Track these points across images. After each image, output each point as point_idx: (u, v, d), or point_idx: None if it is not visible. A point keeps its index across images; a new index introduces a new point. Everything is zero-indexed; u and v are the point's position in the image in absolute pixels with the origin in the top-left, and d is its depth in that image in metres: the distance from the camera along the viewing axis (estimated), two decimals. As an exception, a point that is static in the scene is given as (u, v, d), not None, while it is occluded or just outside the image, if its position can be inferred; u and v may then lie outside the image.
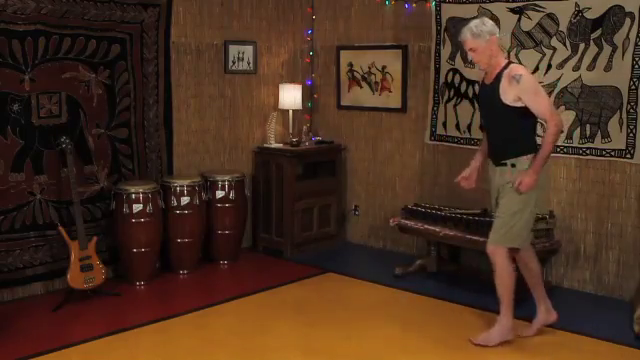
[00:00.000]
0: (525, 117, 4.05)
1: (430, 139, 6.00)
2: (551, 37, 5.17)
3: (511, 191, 4.09)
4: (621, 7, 4.83)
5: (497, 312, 4.75)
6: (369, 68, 6.36)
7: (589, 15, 4.97)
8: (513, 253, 4.27)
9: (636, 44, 4.80)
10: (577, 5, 5.02)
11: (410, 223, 5.56)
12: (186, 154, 5.89)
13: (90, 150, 5.23)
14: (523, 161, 4.07)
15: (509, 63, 4.12)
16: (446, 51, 5.80)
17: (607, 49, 4.91)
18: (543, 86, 5.21)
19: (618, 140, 4.94)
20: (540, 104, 4.01)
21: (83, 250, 4.88)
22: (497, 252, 4.17)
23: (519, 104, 4.01)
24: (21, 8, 4.69)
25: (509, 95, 4.01)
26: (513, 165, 4.09)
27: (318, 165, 6.44)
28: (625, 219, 5.00)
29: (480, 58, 4.12)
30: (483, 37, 4.05)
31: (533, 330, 4.38)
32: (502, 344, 4.21)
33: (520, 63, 5.30)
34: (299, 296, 5.14)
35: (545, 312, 4.41)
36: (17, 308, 4.76)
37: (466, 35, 4.10)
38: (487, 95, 4.19)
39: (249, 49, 6.23)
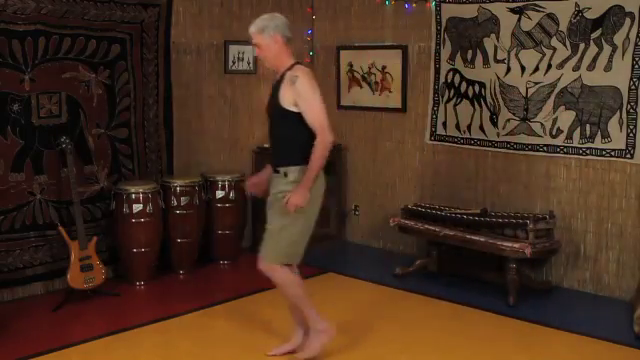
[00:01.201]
0: (304, 124, 3.71)
1: (430, 139, 6.00)
2: (551, 37, 5.17)
3: (278, 201, 3.78)
4: (621, 7, 4.83)
5: (498, 312, 4.76)
6: (369, 68, 6.36)
7: (589, 15, 4.97)
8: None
9: (636, 44, 4.80)
10: (577, 5, 5.02)
11: (410, 223, 5.56)
12: (186, 154, 5.89)
13: (90, 150, 5.23)
14: (294, 171, 3.75)
15: (295, 64, 3.80)
16: (446, 51, 5.80)
17: (607, 49, 4.91)
18: (543, 86, 5.23)
19: (618, 140, 4.94)
20: (313, 112, 3.68)
21: (83, 250, 4.88)
22: (270, 268, 3.86)
23: (296, 109, 3.70)
24: (21, 8, 4.69)
25: (287, 98, 3.71)
26: (285, 174, 3.77)
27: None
28: (625, 219, 5.00)
29: (264, 55, 3.81)
30: (267, 33, 3.75)
31: (280, 350, 4.05)
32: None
33: (520, 63, 5.33)
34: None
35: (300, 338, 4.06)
36: (17, 308, 4.76)
37: (251, 29, 3.81)
38: (272, 96, 3.86)
39: (249, 49, 6.21)
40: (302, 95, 3.68)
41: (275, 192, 3.84)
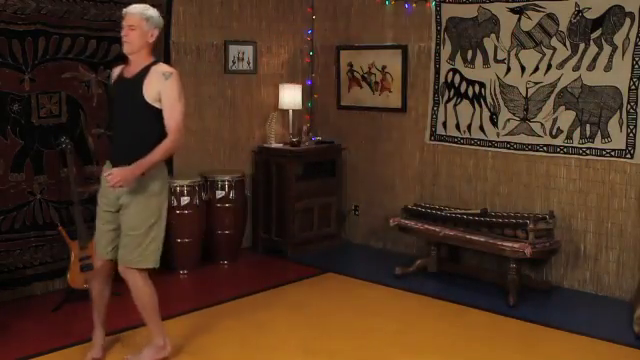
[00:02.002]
0: (160, 121, 3.68)
1: (430, 139, 6.00)
2: (551, 37, 5.17)
3: (141, 203, 3.72)
4: (621, 7, 4.83)
5: (498, 312, 4.75)
6: (369, 68, 6.36)
7: (589, 15, 4.97)
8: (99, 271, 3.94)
9: (636, 44, 4.80)
10: (577, 5, 5.02)
11: (410, 223, 5.56)
12: (186, 154, 5.88)
13: (90, 150, 5.23)
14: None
15: (158, 61, 3.80)
16: (446, 51, 5.80)
17: (607, 49, 4.92)
18: (543, 86, 5.23)
19: (618, 140, 4.94)
20: (174, 113, 3.65)
21: (83, 250, 4.87)
22: (130, 272, 3.80)
23: (158, 105, 3.66)
24: (21, 8, 4.69)
25: (152, 93, 3.65)
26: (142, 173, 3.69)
27: (318, 165, 6.43)
28: (625, 219, 5.00)
29: (134, 39, 3.68)
30: (150, 23, 3.70)
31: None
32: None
33: (520, 63, 5.33)
34: (299, 296, 5.13)
35: (100, 336, 4.01)
36: (17, 308, 4.76)
37: (134, 10, 3.70)
38: (126, 89, 3.76)
39: (249, 49, 6.23)
40: (170, 94, 3.65)
41: (127, 191, 3.71)
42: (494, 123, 5.55)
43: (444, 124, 5.89)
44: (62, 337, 4.27)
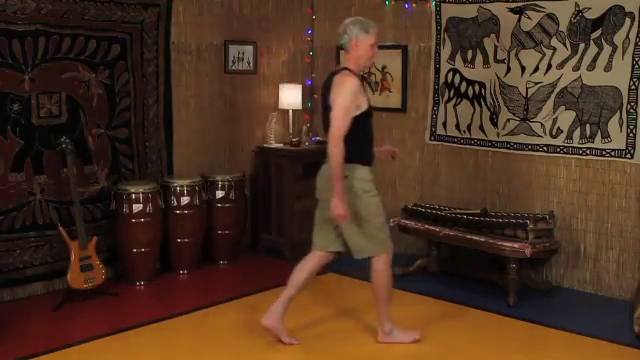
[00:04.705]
0: None
1: (430, 139, 6.00)
2: (551, 37, 5.17)
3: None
4: (621, 7, 4.83)
5: (498, 312, 4.76)
6: (369, 68, 6.36)
7: (589, 15, 4.97)
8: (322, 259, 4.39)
9: (636, 44, 4.80)
10: (577, 5, 5.02)
11: (410, 223, 5.56)
12: (186, 154, 5.89)
13: (90, 150, 5.23)
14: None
15: None
16: (446, 51, 5.80)
17: (607, 49, 4.92)
18: (543, 86, 5.23)
19: (618, 140, 4.94)
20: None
21: (83, 250, 4.88)
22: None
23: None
24: (21, 8, 4.69)
25: None
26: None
27: (318, 165, 6.40)
28: (625, 219, 5.00)
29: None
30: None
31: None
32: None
33: (520, 63, 5.34)
34: (299, 296, 5.12)
35: None
36: (17, 308, 4.76)
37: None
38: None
39: (249, 49, 6.24)
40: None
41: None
42: (494, 123, 5.55)
43: (444, 124, 5.89)
44: (62, 337, 4.27)
